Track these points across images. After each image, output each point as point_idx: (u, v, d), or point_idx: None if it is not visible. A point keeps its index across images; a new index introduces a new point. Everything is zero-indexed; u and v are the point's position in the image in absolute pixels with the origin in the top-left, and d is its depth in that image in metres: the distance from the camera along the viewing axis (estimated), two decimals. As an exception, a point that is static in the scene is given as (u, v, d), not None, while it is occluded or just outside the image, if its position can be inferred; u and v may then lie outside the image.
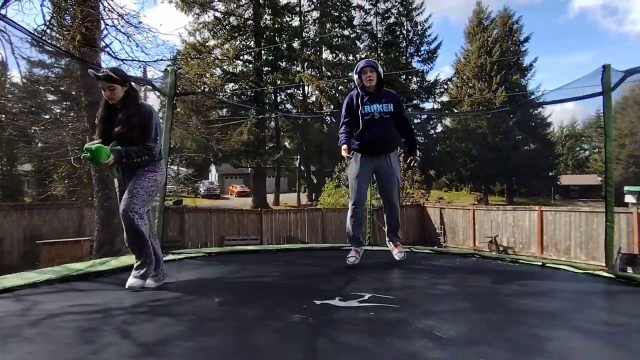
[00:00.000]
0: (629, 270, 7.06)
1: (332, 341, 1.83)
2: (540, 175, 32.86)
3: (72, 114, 9.87)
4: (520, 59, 32.69)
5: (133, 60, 7.93)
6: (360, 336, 1.88)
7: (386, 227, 3.47)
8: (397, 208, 3.41)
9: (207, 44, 25.31)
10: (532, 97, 29.14)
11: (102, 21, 7.81)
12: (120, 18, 7.63)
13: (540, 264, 3.85)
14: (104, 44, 8.21)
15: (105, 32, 8.02)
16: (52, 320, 2.09)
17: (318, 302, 2.34)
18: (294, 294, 2.64)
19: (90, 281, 3.05)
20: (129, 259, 3.73)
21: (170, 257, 3.91)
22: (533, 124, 32.61)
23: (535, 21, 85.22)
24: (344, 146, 3.11)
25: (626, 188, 22.47)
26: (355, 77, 3.32)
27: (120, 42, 7.89)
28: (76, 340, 1.80)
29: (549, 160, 33.86)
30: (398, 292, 2.65)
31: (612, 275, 3.31)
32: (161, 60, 8.96)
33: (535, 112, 32.40)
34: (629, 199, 21.52)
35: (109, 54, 8.17)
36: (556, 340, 1.87)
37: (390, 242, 3.51)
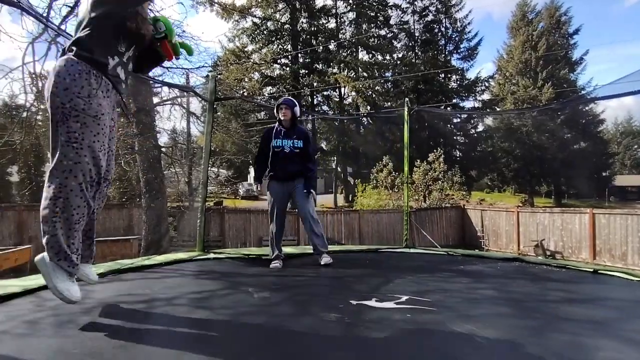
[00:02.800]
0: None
1: (366, 342, 1.84)
2: (592, 176, 30.81)
3: (121, 120, 10.52)
4: (569, 52, 30.89)
5: (177, 68, 8.34)
6: (395, 337, 1.88)
7: (311, 238, 3.68)
8: (316, 220, 3.70)
9: (245, 49, 26.05)
10: (582, 92, 27.40)
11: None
12: (165, 28, 8.02)
13: (592, 270, 3.63)
14: (150, 53, 8.68)
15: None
16: (103, 309, 2.26)
17: (354, 302, 2.35)
18: (330, 293, 2.67)
19: (139, 272, 3.26)
20: (172, 256, 3.94)
21: (212, 255, 4.09)
22: (583, 121, 30.66)
23: (586, 12, 80.00)
24: (254, 184, 3.85)
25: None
26: (275, 110, 3.74)
27: (165, 51, 8.29)
28: (121, 329, 1.94)
29: (602, 159, 31.68)
30: (435, 295, 2.61)
31: (672, 284, 3.07)
32: (203, 67, 9.37)
33: (586, 108, 30.45)
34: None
35: (155, 62, 8.62)
36: (605, 351, 1.76)
37: (316, 253, 3.68)
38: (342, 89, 29.27)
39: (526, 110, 29.01)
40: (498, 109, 30.08)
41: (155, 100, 9.83)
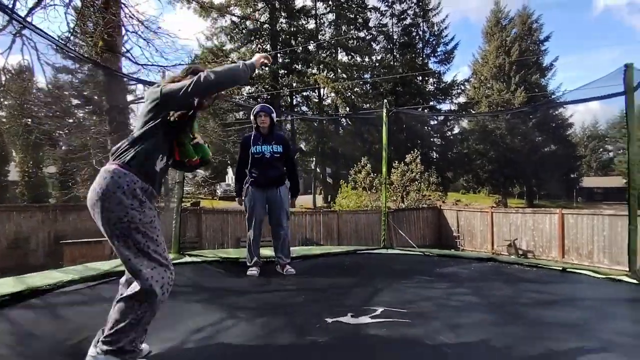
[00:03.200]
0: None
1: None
2: (561, 178, 32.03)
3: (94, 118, 10.18)
4: (540, 58, 31.97)
5: (152, 65, 8.12)
6: (369, 356, 1.85)
7: (278, 248, 3.71)
8: (286, 231, 3.73)
9: (224, 48, 25.68)
10: (552, 97, 28.41)
11: (123, 27, 8.02)
12: (140, 24, 7.82)
13: (561, 268, 3.76)
14: (124, 50, 8.43)
15: (125, 38, 8.24)
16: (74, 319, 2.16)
17: (329, 320, 2.27)
18: (306, 309, 2.59)
19: (110, 283, 3.13)
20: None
21: (187, 258, 3.99)
22: (553, 124, 31.82)
23: (556, 19, 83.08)
24: (237, 199, 3.77)
25: (653, 191, 21.65)
26: (252, 117, 3.70)
27: (140, 47, 8.10)
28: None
29: (570, 162, 32.96)
30: (410, 304, 2.59)
31: (635, 281, 3.22)
32: (179, 64, 9.14)
33: (556, 112, 31.59)
34: (655, 202, 20.73)
35: (130, 59, 8.39)
36: (579, 355, 1.81)
37: (279, 262, 3.70)
38: (322, 90, 29.31)
39: (500, 112, 29.90)
40: (473, 112, 30.84)
41: (130, 97, 9.56)
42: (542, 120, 30.62)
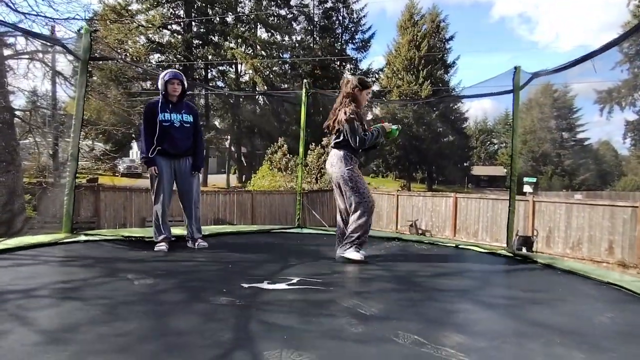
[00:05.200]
0: (524, 249, 8.07)
1: (258, 321, 1.83)
2: (457, 166, 35.87)
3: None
4: (445, 55, 34.90)
5: (38, 15, 6.93)
6: (287, 316, 1.91)
7: (190, 222, 3.59)
8: (198, 204, 3.63)
9: (129, 8, 23.01)
10: (454, 92, 31.38)
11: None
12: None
13: (454, 245, 4.22)
14: (0, -7, 7.04)
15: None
16: None
17: (246, 286, 2.31)
18: (221, 277, 2.58)
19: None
20: (31, 239, 3.34)
21: (82, 237, 3.58)
22: (453, 117, 35.24)
23: (460, 22, 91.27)
24: (152, 168, 3.39)
25: (525, 179, 25.45)
26: (160, 83, 3.44)
27: (21, -8, 6.82)
28: (-38, 331, 1.57)
29: (464, 151, 37.00)
30: (325, 275, 2.72)
31: (510, 254, 3.76)
32: (73, 18, 7.95)
33: (455, 107, 35.02)
34: (526, 188, 24.37)
35: (8, 5, 7.04)
36: (462, 313, 2.07)
37: (190, 237, 3.62)
38: (239, 66, 28.21)
39: (412, 101, 32.11)
40: (385, 100, 32.59)
41: (7, 52, 8.07)
42: (444, 113, 33.69)
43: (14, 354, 1.40)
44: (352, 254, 3.03)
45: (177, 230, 3.86)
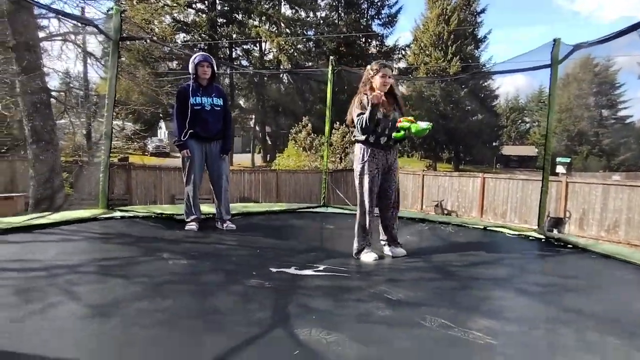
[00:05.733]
0: (555, 231, 7.84)
1: (288, 303, 1.87)
2: (485, 145, 34.80)
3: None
4: (476, 30, 33.35)
5: (69, -3, 7.04)
6: (315, 299, 1.94)
7: (219, 204, 3.65)
8: (227, 186, 3.68)
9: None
10: (485, 68, 30.13)
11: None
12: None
13: (483, 227, 4.14)
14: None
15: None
16: (-13, 281, 1.95)
17: (274, 270, 2.34)
18: (249, 261, 2.63)
19: (29, 233, 2.86)
20: (73, 214, 3.52)
21: (118, 214, 3.74)
22: (482, 95, 33.95)
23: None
24: (185, 151, 3.46)
25: (558, 159, 24.49)
26: (191, 66, 3.47)
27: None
28: (17, 299, 1.70)
29: (494, 130, 35.77)
30: (351, 260, 2.73)
31: (541, 236, 3.66)
32: None
33: (485, 83, 33.67)
34: (559, 169, 23.53)
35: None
36: (491, 299, 2.05)
37: (219, 218, 3.67)
38: (264, 44, 28.00)
39: (438, 78, 31.10)
40: (411, 77, 31.72)
41: (41, 34, 8.31)
42: (473, 90, 32.50)
43: (64, 324, 1.50)
44: (363, 256, 2.84)
45: (206, 208, 3.97)
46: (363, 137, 2.91)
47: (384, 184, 2.97)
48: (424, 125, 2.73)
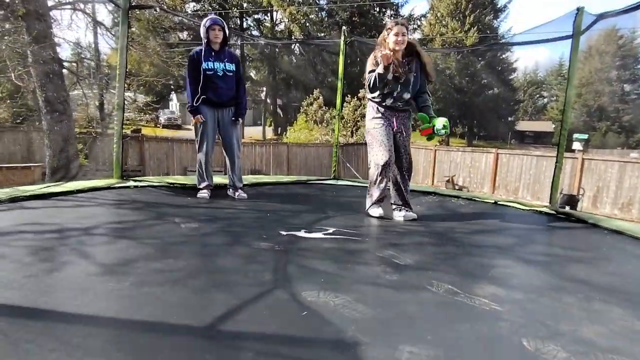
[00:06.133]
0: (567, 208, 7.75)
1: (297, 266, 1.91)
2: (501, 120, 34.03)
3: (7, 26, 8.72)
4: (496, -2, 31.95)
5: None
6: (323, 262, 1.98)
7: (232, 172, 3.67)
8: (239, 153, 3.68)
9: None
10: (503, 39, 29.06)
11: None
12: None
13: (493, 201, 4.11)
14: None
15: None
16: (6, 238, 2.02)
17: (284, 233, 2.40)
18: (259, 225, 2.68)
19: (45, 200, 2.95)
20: (87, 183, 3.60)
21: (132, 183, 3.81)
22: (499, 68, 32.91)
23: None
24: (197, 116, 3.43)
25: (575, 135, 23.84)
26: (202, 30, 3.41)
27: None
28: (32, 259, 1.77)
29: (510, 105, 34.86)
30: (361, 228, 2.77)
31: (553, 212, 3.63)
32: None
33: (503, 56, 32.54)
34: (576, 146, 22.94)
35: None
36: (499, 268, 2.06)
37: (231, 186, 3.70)
38: (275, 14, 27.35)
39: (454, 49, 30.14)
40: (425, 49, 30.82)
41: (50, 3, 8.24)
42: (490, 63, 31.48)
43: (78, 281, 1.57)
44: (370, 209, 3.04)
45: (217, 179, 4.01)
46: (371, 96, 2.89)
47: (397, 141, 2.99)
48: (441, 125, 2.92)
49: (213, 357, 1.12)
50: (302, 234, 2.42)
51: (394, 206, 3.10)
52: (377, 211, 2.98)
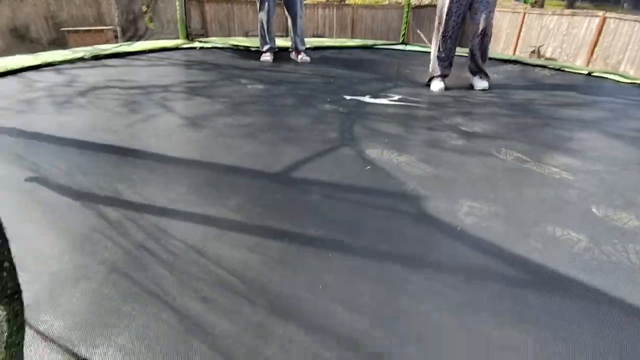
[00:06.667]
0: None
1: (361, 126, 1.92)
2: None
3: None
4: None
5: None
6: (387, 125, 1.96)
7: (294, 34, 3.49)
8: (302, 14, 3.46)
9: None
10: None
11: None
12: None
13: (587, 72, 3.60)
14: None
15: None
16: (97, 92, 2.23)
17: (348, 98, 2.36)
18: (324, 89, 2.65)
19: (122, 59, 3.12)
20: (157, 43, 3.69)
21: (197, 44, 3.84)
22: None
23: None
24: None
25: None
26: None
27: None
28: (124, 110, 1.96)
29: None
30: (428, 96, 2.62)
31: (660, 85, 3.12)
32: None
33: None
34: None
35: None
36: (579, 140, 1.90)
37: (294, 48, 3.53)
38: None
39: None
40: None
41: None
42: None
43: (164, 129, 1.74)
44: (431, 84, 2.82)
45: (279, 42, 3.88)
46: None
47: (473, 4, 2.65)
48: None
49: (284, 196, 1.25)
50: (366, 99, 2.37)
51: (468, 72, 2.88)
52: (437, 85, 2.77)
